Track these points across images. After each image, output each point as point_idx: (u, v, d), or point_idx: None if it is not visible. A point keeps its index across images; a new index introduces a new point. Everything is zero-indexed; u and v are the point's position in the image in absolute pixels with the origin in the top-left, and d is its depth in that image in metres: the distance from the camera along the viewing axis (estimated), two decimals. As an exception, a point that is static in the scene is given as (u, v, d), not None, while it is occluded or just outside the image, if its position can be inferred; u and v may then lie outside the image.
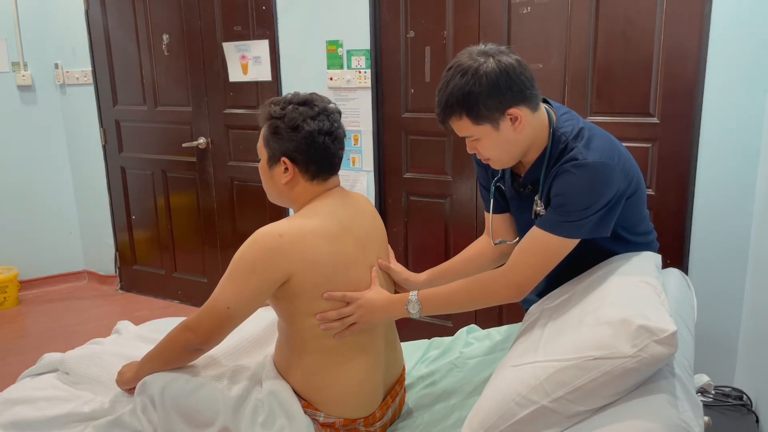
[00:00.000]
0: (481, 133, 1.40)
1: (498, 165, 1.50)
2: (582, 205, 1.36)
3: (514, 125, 1.39)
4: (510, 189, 1.60)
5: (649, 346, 1.07)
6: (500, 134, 1.40)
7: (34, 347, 3.16)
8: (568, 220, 1.38)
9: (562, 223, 1.38)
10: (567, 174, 1.37)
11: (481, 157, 1.48)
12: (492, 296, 1.46)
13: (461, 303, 1.49)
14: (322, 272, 1.40)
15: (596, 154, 1.37)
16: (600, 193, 1.36)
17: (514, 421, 1.16)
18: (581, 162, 1.36)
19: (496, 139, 1.41)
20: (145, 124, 3.70)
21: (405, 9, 2.76)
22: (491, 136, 1.40)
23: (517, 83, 1.37)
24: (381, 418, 1.54)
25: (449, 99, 1.38)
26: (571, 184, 1.36)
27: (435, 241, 2.91)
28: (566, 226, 1.38)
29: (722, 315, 2.26)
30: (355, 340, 1.47)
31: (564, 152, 1.41)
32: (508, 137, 1.41)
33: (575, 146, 1.40)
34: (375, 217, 1.62)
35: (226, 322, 1.40)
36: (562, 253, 1.42)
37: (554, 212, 1.40)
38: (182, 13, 3.39)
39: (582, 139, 1.41)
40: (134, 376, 1.49)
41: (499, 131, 1.39)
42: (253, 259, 1.37)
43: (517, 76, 1.37)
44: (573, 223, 1.38)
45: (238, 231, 3.51)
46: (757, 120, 2.12)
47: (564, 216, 1.38)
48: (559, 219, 1.39)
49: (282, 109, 1.45)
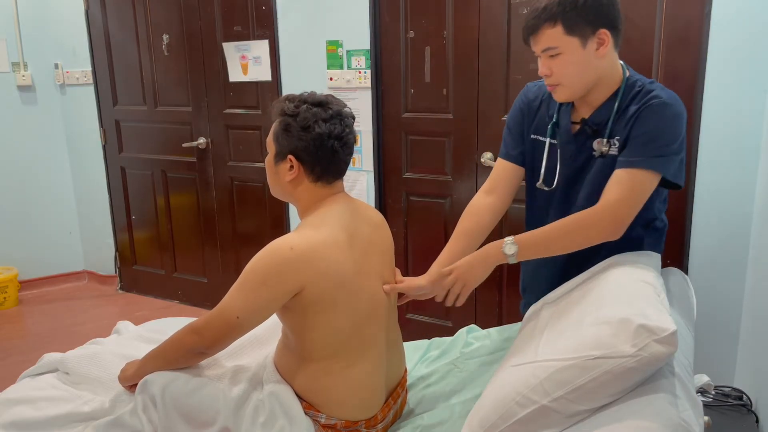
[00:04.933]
0: (567, 46, 1.43)
1: (564, 93, 1.51)
2: (670, 139, 1.43)
3: (599, 49, 1.45)
4: (566, 133, 1.59)
5: (649, 345, 1.07)
6: (583, 53, 1.44)
7: (34, 347, 3.16)
8: (659, 155, 1.42)
9: (654, 158, 1.42)
10: (653, 111, 1.43)
11: (553, 80, 1.49)
12: (592, 232, 1.44)
13: (559, 241, 1.47)
14: (332, 281, 1.39)
15: (675, 98, 1.46)
16: (681, 131, 1.45)
17: (515, 420, 1.16)
18: (666, 101, 1.43)
19: (578, 58, 1.44)
20: (145, 124, 3.70)
21: (405, 9, 2.76)
22: (575, 53, 1.44)
23: (615, 9, 1.45)
24: (382, 420, 1.54)
25: (550, 3, 1.42)
26: (660, 119, 1.42)
27: (435, 241, 2.90)
28: (658, 161, 1.42)
29: (722, 315, 2.26)
30: (359, 345, 1.47)
31: (639, 95, 1.47)
32: (589, 59, 1.45)
33: (653, 89, 1.47)
34: (382, 227, 1.60)
35: (234, 330, 1.40)
36: (650, 189, 1.45)
37: (643, 148, 1.43)
38: (182, 13, 3.39)
39: (657, 86, 1.49)
40: (136, 373, 1.49)
41: (585, 50, 1.44)
42: (265, 272, 1.36)
43: (616, 5, 1.45)
44: (664, 158, 1.43)
45: (238, 231, 3.51)
46: (757, 120, 2.12)
47: (655, 151, 1.42)
48: (650, 154, 1.42)
49: (296, 107, 1.45)
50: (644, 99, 1.45)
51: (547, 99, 1.65)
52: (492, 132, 2.66)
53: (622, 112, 1.49)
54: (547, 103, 1.66)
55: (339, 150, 1.46)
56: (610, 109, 1.51)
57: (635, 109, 1.46)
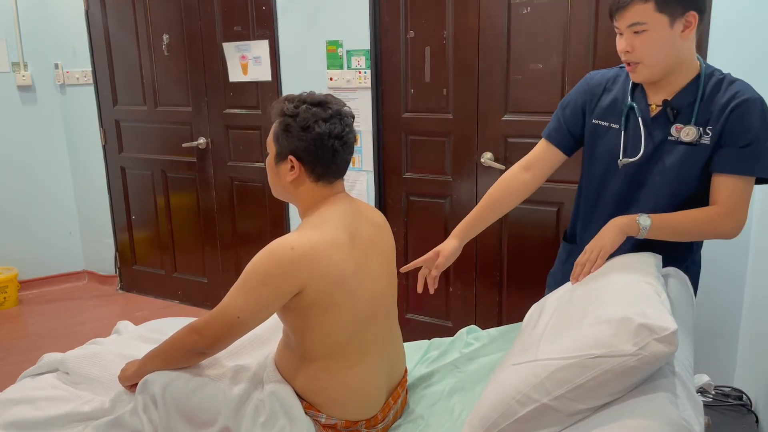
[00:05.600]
0: (656, 23, 1.43)
1: (644, 72, 1.50)
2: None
3: (684, 31, 1.45)
4: (644, 115, 1.57)
5: (650, 344, 1.07)
6: (669, 33, 1.44)
7: (34, 347, 3.16)
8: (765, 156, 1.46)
9: (765, 159, 1.47)
10: (749, 108, 1.44)
11: (634, 57, 1.48)
12: (715, 232, 1.52)
13: (688, 228, 1.52)
14: (333, 282, 1.39)
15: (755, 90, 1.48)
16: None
17: (515, 419, 1.16)
18: (756, 97, 1.45)
19: (663, 36, 1.44)
20: (145, 124, 3.70)
21: (405, 9, 2.77)
22: (661, 31, 1.43)
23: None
24: (383, 420, 1.54)
25: None
26: (757, 116, 1.44)
27: (435, 241, 2.89)
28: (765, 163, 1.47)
29: (722, 315, 2.26)
30: (359, 345, 1.47)
31: (722, 84, 1.49)
32: (673, 39, 1.45)
33: (736, 80, 1.49)
34: (383, 227, 1.60)
35: (235, 330, 1.40)
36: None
37: (751, 152, 1.45)
38: (182, 14, 3.39)
39: (736, 78, 1.50)
40: (136, 373, 1.49)
41: (671, 29, 1.43)
42: (266, 272, 1.36)
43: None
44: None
45: (238, 231, 3.51)
46: (757, 120, 2.12)
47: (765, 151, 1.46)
48: (758, 155, 1.46)
49: (295, 107, 1.45)
50: (734, 92, 1.47)
51: (611, 85, 1.66)
52: (492, 132, 2.66)
53: (707, 99, 1.49)
54: (610, 89, 1.66)
55: (339, 149, 1.46)
56: (694, 93, 1.50)
57: (726, 101, 1.46)
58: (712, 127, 1.48)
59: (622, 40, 1.49)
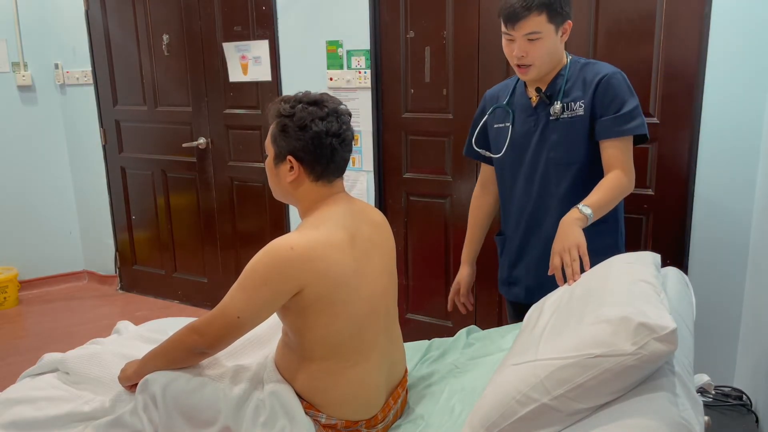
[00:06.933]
0: (547, 32, 1.71)
1: (534, 72, 1.77)
2: (636, 101, 1.75)
3: (563, 36, 1.77)
4: (527, 108, 1.87)
5: (649, 343, 1.07)
6: (555, 39, 1.74)
7: (34, 347, 3.16)
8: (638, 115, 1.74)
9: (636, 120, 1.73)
10: (611, 81, 1.74)
11: (527, 61, 1.74)
12: (624, 191, 1.75)
13: (611, 199, 1.73)
14: (333, 281, 1.39)
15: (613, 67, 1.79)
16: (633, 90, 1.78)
17: (515, 419, 1.16)
18: (615, 71, 1.76)
19: (551, 42, 1.73)
20: (145, 124, 3.70)
21: (405, 9, 2.77)
22: (550, 38, 1.72)
23: (571, 5, 1.77)
24: (383, 420, 1.54)
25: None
26: (621, 86, 1.75)
27: (435, 241, 2.91)
28: (641, 122, 1.74)
29: (722, 315, 2.26)
30: (359, 345, 1.47)
31: (585, 68, 1.80)
32: (556, 44, 1.76)
33: (595, 62, 1.82)
34: (384, 227, 1.60)
35: (235, 330, 1.40)
36: None
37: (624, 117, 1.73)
38: (182, 14, 3.39)
39: (594, 60, 1.85)
40: (136, 373, 1.49)
41: (557, 36, 1.74)
42: (265, 271, 1.36)
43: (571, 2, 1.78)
44: (642, 118, 1.75)
45: (238, 231, 3.51)
46: (757, 120, 2.12)
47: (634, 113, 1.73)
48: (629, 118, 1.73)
49: (291, 107, 1.45)
50: (597, 70, 1.77)
51: (503, 94, 1.96)
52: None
53: (576, 80, 1.79)
54: (503, 97, 1.96)
55: (338, 147, 1.46)
56: (562, 78, 1.81)
57: (591, 77, 1.76)
58: (584, 100, 1.77)
59: (514, 46, 1.74)
